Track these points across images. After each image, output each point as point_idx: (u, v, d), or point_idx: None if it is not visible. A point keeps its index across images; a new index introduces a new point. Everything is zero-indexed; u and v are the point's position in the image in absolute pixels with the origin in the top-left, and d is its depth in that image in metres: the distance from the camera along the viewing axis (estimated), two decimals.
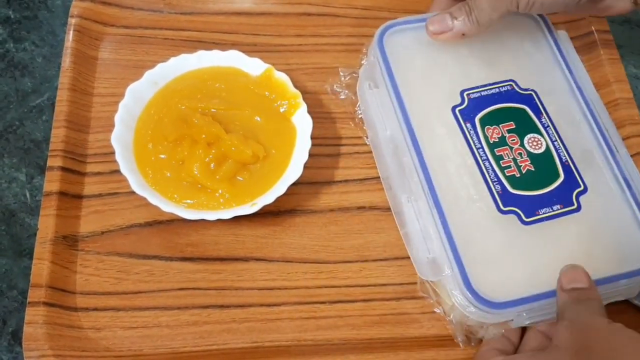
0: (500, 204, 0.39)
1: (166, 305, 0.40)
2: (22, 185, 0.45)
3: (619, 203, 0.40)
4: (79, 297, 0.40)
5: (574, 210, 0.39)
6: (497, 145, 0.40)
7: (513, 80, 0.43)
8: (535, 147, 0.40)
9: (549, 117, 0.42)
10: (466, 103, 0.42)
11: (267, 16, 0.51)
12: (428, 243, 0.38)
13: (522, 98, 0.42)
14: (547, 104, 0.42)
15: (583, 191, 0.39)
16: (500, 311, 0.36)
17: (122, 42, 0.49)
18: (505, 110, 0.42)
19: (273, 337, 0.39)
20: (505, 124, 0.41)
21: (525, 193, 0.39)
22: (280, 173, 0.42)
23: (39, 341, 0.37)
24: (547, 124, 0.41)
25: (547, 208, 0.39)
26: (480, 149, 0.40)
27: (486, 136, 0.41)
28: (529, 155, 0.40)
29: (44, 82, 0.49)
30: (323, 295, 0.41)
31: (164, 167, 0.41)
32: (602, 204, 0.39)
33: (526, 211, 0.38)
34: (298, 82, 0.46)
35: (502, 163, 0.40)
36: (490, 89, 0.43)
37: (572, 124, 0.42)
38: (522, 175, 0.39)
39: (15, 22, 0.52)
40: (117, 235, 0.42)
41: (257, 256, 0.42)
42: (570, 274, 0.36)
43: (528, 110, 0.42)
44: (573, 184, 0.40)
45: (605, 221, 0.39)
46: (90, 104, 0.46)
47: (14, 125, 0.47)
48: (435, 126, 0.41)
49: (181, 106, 0.43)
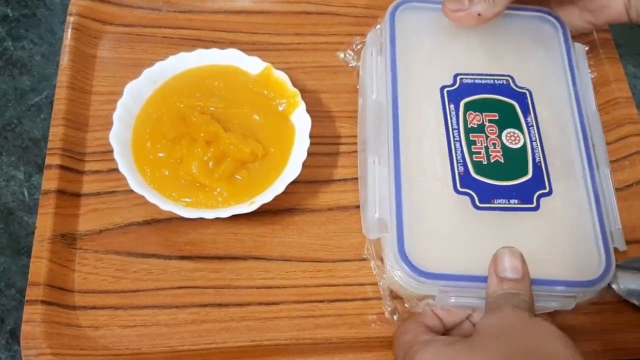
0: (459, 184, 0.39)
1: (164, 304, 0.40)
2: (21, 184, 0.45)
3: (581, 214, 0.39)
4: (77, 295, 0.40)
5: (531, 208, 0.39)
6: (473, 130, 0.41)
7: (511, 77, 0.43)
8: (512, 142, 0.41)
9: (536, 119, 0.42)
10: (457, 85, 0.43)
11: (266, 15, 0.51)
12: (380, 204, 0.39)
13: (514, 94, 0.43)
14: (540, 106, 0.43)
15: (547, 194, 0.40)
16: (425, 280, 0.36)
17: (121, 40, 0.49)
18: (493, 101, 0.42)
19: (272, 335, 0.39)
20: (488, 113, 0.42)
21: (486, 180, 0.39)
22: (279, 172, 0.42)
23: (37, 339, 0.37)
24: (531, 124, 0.42)
25: (503, 199, 0.39)
26: (456, 130, 0.41)
27: (466, 120, 0.41)
28: (502, 147, 0.40)
29: (42, 80, 0.49)
30: (322, 293, 0.41)
31: (163, 166, 0.41)
32: (564, 210, 0.39)
33: (481, 196, 0.39)
34: (297, 81, 0.46)
35: (473, 148, 0.40)
36: (485, 79, 0.43)
37: (560, 133, 0.42)
38: (489, 163, 0.40)
39: (14, 20, 0.52)
40: (115, 234, 0.42)
41: (256, 255, 0.42)
42: (506, 261, 0.35)
43: (517, 107, 0.42)
44: (539, 185, 0.40)
45: (561, 227, 0.39)
46: (89, 102, 0.46)
47: (12, 124, 0.47)
48: (420, 101, 0.42)
49: (180, 105, 0.43)
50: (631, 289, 0.41)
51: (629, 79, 0.50)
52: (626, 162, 0.46)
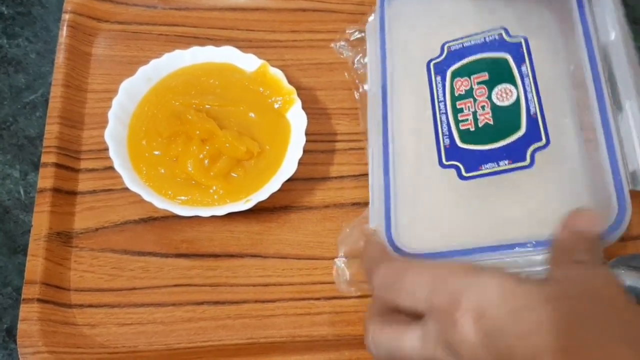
0: (444, 157, 0.38)
1: (161, 302, 0.40)
2: (16, 182, 0.45)
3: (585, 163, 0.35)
4: (73, 293, 0.40)
5: (524, 166, 0.36)
6: (460, 98, 0.39)
7: (504, 28, 0.41)
8: (504, 99, 0.38)
9: (532, 66, 0.39)
10: (444, 56, 0.41)
11: (261, 12, 0.51)
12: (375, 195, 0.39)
13: (507, 46, 0.40)
14: (537, 52, 0.39)
15: (543, 146, 0.36)
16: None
17: (116, 38, 0.49)
18: (482, 60, 0.40)
19: (268, 333, 0.39)
20: (477, 75, 0.39)
21: (473, 147, 0.37)
22: (274, 169, 0.42)
23: (34, 338, 0.37)
24: (526, 73, 0.38)
25: (492, 163, 0.36)
26: (442, 102, 0.39)
27: (452, 88, 0.39)
28: (492, 108, 0.38)
29: (37, 78, 0.49)
30: (318, 291, 0.41)
31: (158, 164, 0.41)
32: (563, 161, 0.36)
33: (468, 166, 0.37)
34: (293, 78, 0.46)
35: (460, 116, 0.38)
36: (475, 39, 0.41)
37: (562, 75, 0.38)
38: (477, 129, 0.38)
39: (9, 18, 0.52)
40: (111, 232, 0.42)
41: (252, 252, 0.42)
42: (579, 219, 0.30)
43: (509, 59, 0.39)
44: (533, 138, 0.36)
45: (561, 181, 0.35)
46: (84, 100, 0.46)
47: (7, 122, 0.47)
48: (409, 79, 0.41)
49: (175, 102, 0.43)
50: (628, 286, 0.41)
51: None
52: None
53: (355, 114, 0.46)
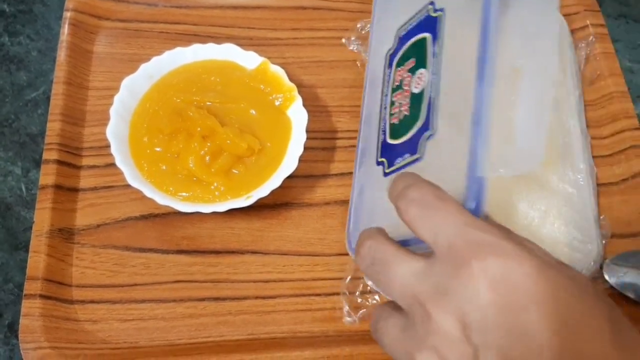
0: (379, 155, 0.35)
1: (162, 298, 0.40)
2: (18, 179, 0.45)
3: (459, 151, 0.29)
4: (75, 289, 0.40)
5: (416, 159, 0.32)
6: (395, 90, 0.35)
7: (432, 2, 0.35)
8: (418, 85, 0.33)
9: (441, 44, 0.32)
10: (396, 45, 0.37)
11: (262, 10, 0.51)
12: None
13: (430, 24, 0.34)
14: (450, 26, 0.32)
15: (431, 135, 0.31)
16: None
17: (118, 35, 0.49)
18: (414, 45, 0.35)
19: (269, 329, 0.39)
20: (409, 62, 0.35)
21: (394, 142, 0.34)
22: (275, 166, 0.42)
23: (36, 333, 0.37)
24: (438, 51, 0.32)
25: (400, 158, 0.33)
26: (386, 96, 0.36)
27: (394, 80, 0.36)
28: (410, 97, 0.34)
29: (39, 75, 0.49)
30: (319, 287, 0.41)
31: (160, 160, 0.41)
32: (447, 149, 0.30)
33: (390, 161, 0.34)
34: (294, 76, 0.46)
35: (392, 109, 0.35)
36: (412, 22, 0.36)
37: (467, 56, 0.30)
38: (399, 121, 0.34)
39: (11, 16, 0.52)
40: (112, 228, 0.42)
41: (253, 249, 0.42)
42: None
43: (429, 39, 0.33)
44: (425, 127, 0.32)
45: (443, 170, 0.30)
46: (86, 97, 0.46)
47: (9, 119, 0.47)
48: (378, 74, 0.38)
49: (176, 99, 0.43)
50: (626, 282, 0.41)
51: (625, 73, 0.50)
52: (621, 156, 0.47)
53: (355, 112, 0.46)
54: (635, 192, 0.45)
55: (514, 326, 0.23)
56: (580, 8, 0.52)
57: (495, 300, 0.23)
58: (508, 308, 0.23)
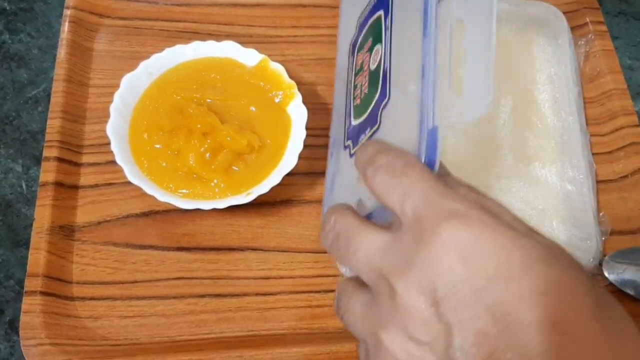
0: (345, 139, 0.34)
1: (162, 295, 0.40)
2: (19, 176, 0.45)
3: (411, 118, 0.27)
4: (75, 286, 0.40)
5: (376, 130, 0.30)
6: (357, 73, 0.34)
7: None
8: (375, 62, 0.32)
9: (392, 16, 0.31)
10: (357, 33, 0.35)
11: (262, 7, 0.51)
12: None
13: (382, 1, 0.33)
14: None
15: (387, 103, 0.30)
16: None
17: (118, 33, 0.49)
18: (371, 26, 0.34)
19: (269, 326, 0.40)
20: (367, 44, 0.33)
21: (357, 122, 0.33)
22: (275, 163, 0.42)
23: (36, 330, 0.37)
24: (388, 26, 0.31)
25: (362, 135, 0.31)
26: (350, 82, 0.35)
27: (355, 66, 0.34)
28: (369, 75, 0.32)
29: (39, 73, 0.49)
30: (319, 284, 0.41)
31: (160, 157, 0.41)
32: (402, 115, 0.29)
33: (355, 142, 0.32)
34: (293, 73, 0.46)
35: (355, 92, 0.34)
36: (369, 5, 0.34)
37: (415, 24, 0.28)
38: (361, 101, 0.33)
39: (11, 13, 0.52)
40: (113, 225, 0.42)
41: (253, 246, 0.42)
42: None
43: (382, 15, 0.32)
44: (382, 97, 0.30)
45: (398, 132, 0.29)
46: (86, 94, 0.46)
47: (10, 117, 0.47)
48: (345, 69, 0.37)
49: (177, 96, 0.43)
50: (626, 279, 0.42)
51: (625, 71, 0.50)
52: (621, 153, 0.47)
53: None
54: (635, 189, 0.46)
55: (489, 303, 0.21)
56: (580, 5, 0.52)
57: (467, 275, 0.21)
58: (481, 283, 0.21)
